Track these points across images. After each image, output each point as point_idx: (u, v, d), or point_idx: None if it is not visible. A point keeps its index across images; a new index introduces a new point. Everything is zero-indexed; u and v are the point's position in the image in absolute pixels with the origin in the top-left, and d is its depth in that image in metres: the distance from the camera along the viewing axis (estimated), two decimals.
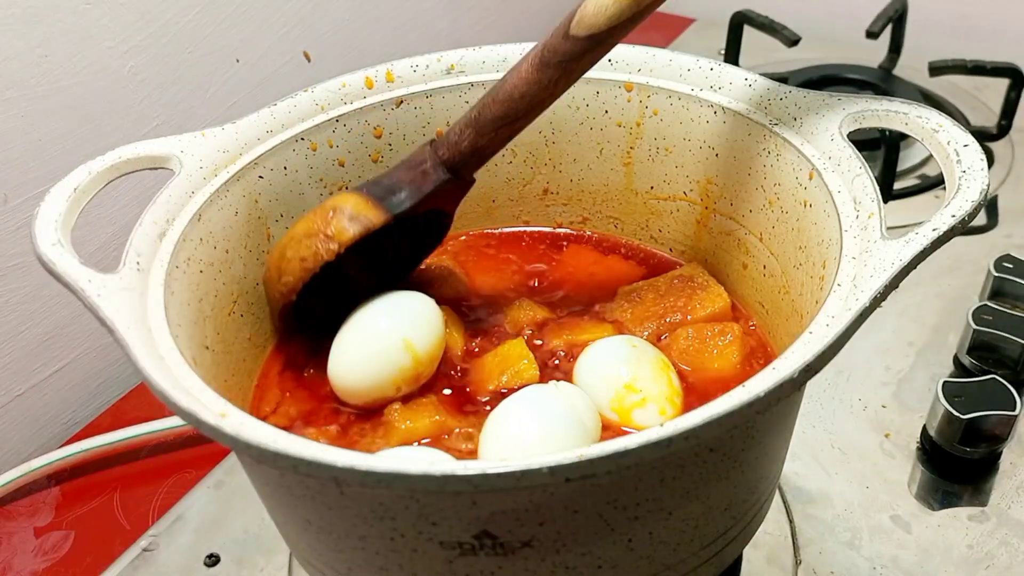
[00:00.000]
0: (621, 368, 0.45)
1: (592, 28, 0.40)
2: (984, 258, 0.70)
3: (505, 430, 0.41)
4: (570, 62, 0.42)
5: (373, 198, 0.45)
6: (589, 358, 0.46)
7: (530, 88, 0.42)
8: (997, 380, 0.58)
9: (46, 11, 0.61)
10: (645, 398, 0.43)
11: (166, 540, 0.57)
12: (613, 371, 0.45)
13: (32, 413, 0.68)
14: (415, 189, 0.45)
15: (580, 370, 0.46)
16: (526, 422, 0.41)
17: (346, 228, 0.44)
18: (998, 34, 1.00)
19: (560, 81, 0.42)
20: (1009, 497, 0.57)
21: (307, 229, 0.45)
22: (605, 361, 0.45)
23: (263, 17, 0.76)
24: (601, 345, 0.47)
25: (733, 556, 0.43)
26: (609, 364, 0.45)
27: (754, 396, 0.32)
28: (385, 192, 0.46)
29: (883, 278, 0.36)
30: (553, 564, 0.36)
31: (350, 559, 0.38)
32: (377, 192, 0.45)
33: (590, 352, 0.46)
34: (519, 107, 0.43)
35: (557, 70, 0.42)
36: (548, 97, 0.43)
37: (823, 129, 0.45)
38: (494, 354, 0.48)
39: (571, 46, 0.41)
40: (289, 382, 0.48)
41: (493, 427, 0.41)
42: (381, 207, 0.45)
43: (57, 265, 0.38)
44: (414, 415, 0.44)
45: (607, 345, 0.47)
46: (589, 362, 0.46)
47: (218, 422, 0.33)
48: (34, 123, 0.62)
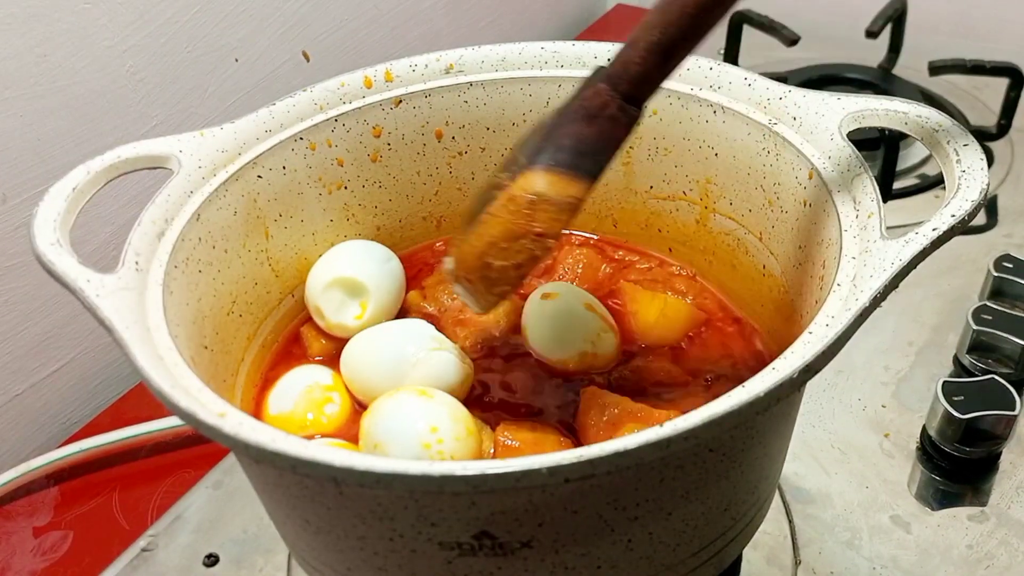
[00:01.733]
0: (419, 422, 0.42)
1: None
2: (984, 258, 0.69)
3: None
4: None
5: (565, 169, 0.39)
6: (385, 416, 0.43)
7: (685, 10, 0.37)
8: (997, 380, 0.58)
9: (45, 11, 0.61)
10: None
11: (165, 540, 0.57)
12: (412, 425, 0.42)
13: (31, 413, 0.68)
14: (610, 143, 0.40)
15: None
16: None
17: (557, 219, 0.39)
18: (998, 34, 1.00)
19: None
20: (1009, 497, 0.56)
21: (508, 231, 0.39)
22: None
23: (262, 17, 0.76)
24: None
25: (733, 556, 0.43)
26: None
27: (754, 396, 0.32)
28: (575, 157, 0.39)
29: (883, 278, 0.36)
30: (552, 564, 0.36)
31: (349, 559, 0.38)
32: (568, 160, 0.39)
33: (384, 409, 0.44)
34: (717, 17, 0.37)
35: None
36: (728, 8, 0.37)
37: (823, 128, 0.45)
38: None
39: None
40: None
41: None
42: (579, 176, 0.39)
43: (56, 265, 0.38)
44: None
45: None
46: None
47: (217, 422, 0.33)
48: (33, 122, 0.62)
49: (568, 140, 0.39)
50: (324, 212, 0.52)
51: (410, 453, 0.41)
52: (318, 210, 0.52)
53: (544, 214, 0.39)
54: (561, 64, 0.52)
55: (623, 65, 0.39)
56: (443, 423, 0.41)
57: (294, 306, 0.52)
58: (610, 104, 0.39)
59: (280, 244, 0.50)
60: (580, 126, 0.39)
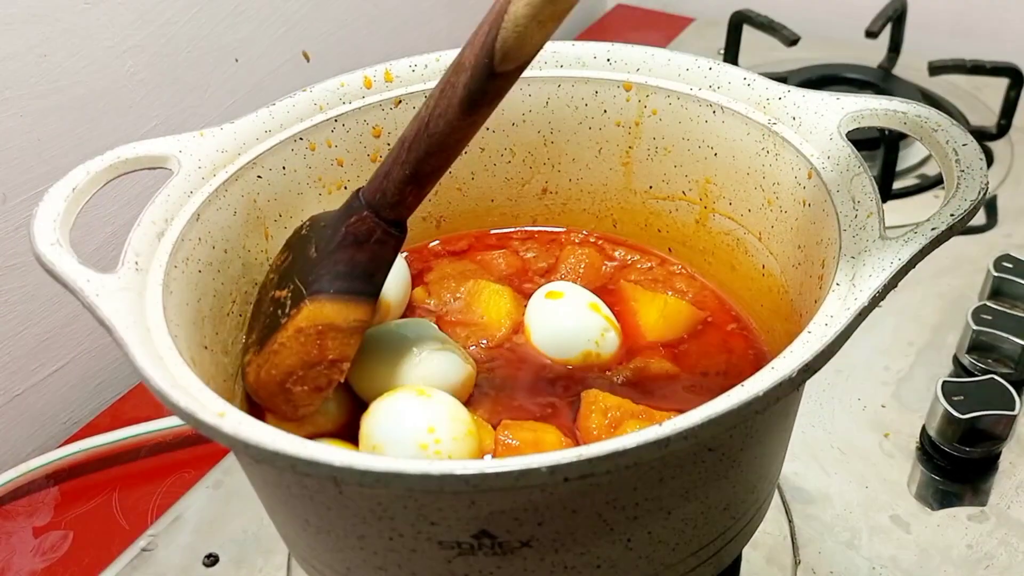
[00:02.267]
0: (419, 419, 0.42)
1: (520, 59, 0.37)
2: (984, 258, 0.69)
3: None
4: (499, 96, 0.38)
5: (348, 296, 0.42)
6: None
7: (465, 132, 0.39)
8: (997, 380, 0.58)
9: (45, 11, 0.61)
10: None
11: (165, 540, 0.57)
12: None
13: (31, 413, 0.68)
14: (382, 263, 0.43)
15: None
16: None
17: (346, 344, 0.42)
18: (997, 34, 1.00)
19: (489, 114, 0.39)
20: (1008, 497, 0.57)
21: (303, 361, 0.42)
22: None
23: (262, 17, 0.76)
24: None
25: (732, 556, 0.43)
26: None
27: (753, 396, 0.32)
28: (354, 282, 0.42)
29: (882, 277, 0.36)
30: (552, 564, 0.36)
31: (349, 559, 0.38)
32: (346, 287, 0.42)
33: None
34: (455, 152, 0.40)
35: (490, 107, 0.39)
36: (477, 130, 0.40)
37: (822, 128, 0.45)
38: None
39: (501, 83, 0.38)
40: None
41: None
42: (361, 300, 0.42)
43: (56, 265, 0.38)
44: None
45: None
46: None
47: (216, 421, 0.33)
48: (33, 123, 0.62)
49: (344, 267, 0.42)
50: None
51: (407, 454, 0.41)
52: (318, 210, 0.51)
53: (334, 341, 0.42)
54: (560, 64, 0.52)
55: (382, 194, 0.41)
56: (441, 423, 0.41)
57: None
58: (375, 230, 0.42)
59: (280, 244, 0.50)
60: (352, 251, 0.42)
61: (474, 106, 0.38)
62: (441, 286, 0.53)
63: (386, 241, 0.42)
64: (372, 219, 0.42)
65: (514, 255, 0.56)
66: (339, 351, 0.42)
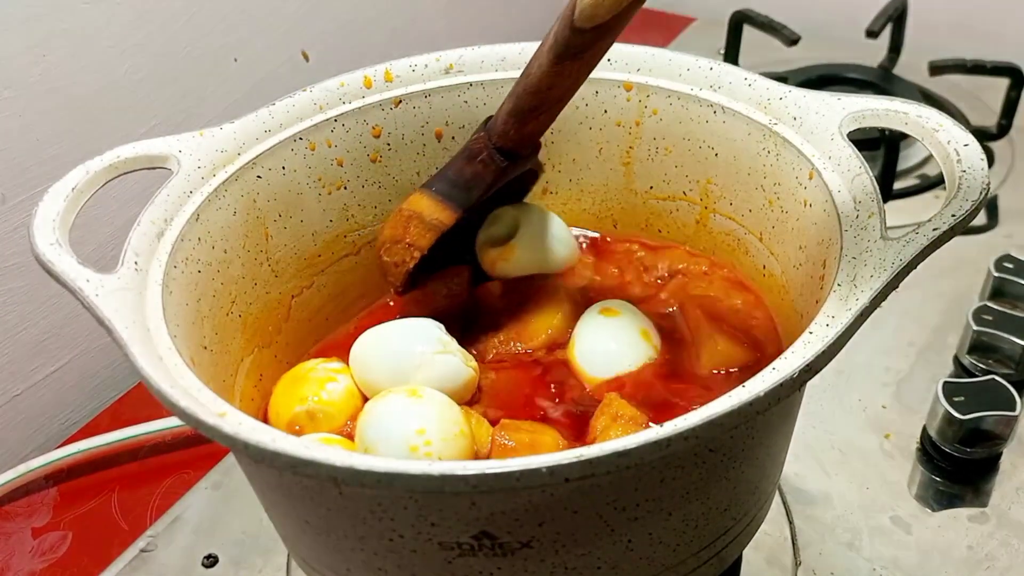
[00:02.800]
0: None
1: (594, 20, 0.39)
2: (984, 258, 0.69)
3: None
4: (583, 52, 0.41)
5: (442, 198, 0.47)
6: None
7: (554, 80, 0.43)
8: (997, 380, 0.58)
9: (45, 11, 0.61)
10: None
11: (164, 541, 0.57)
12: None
13: (30, 413, 0.68)
14: (479, 181, 0.47)
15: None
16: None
17: (423, 235, 0.47)
18: (998, 34, 1.00)
19: (581, 70, 0.43)
20: (1009, 498, 0.56)
21: (393, 235, 0.48)
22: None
23: (261, 17, 0.76)
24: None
25: (733, 557, 0.43)
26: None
27: (754, 396, 0.32)
28: (452, 189, 0.47)
29: (883, 278, 0.36)
30: (552, 565, 0.36)
31: (348, 560, 0.38)
32: (445, 190, 0.47)
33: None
34: (550, 97, 0.44)
35: (575, 61, 0.42)
36: (573, 84, 0.44)
37: (823, 128, 0.44)
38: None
39: (580, 39, 0.40)
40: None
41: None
42: (451, 206, 0.47)
43: (55, 265, 0.38)
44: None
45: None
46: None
47: (216, 422, 0.33)
48: (32, 122, 0.62)
49: (452, 173, 0.48)
50: (324, 212, 0.52)
51: (398, 455, 0.41)
52: (317, 210, 0.52)
53: (415, 228, 0.47)
54: None
55: (494, 122, 0.47)
56: (431, 424, 0.41)
57: (293, 306, 0.52)
58: (483, 151, 0.47)
59: (279, 244, 0.50)
60: (463, 163, 0.48)
61: (560, 57, 0.41)
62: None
63: (489, 163, 0.47)
64: (485, 140, 0.47)
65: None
66: (415, 237, 0.47)
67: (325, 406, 0.46)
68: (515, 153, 0.47)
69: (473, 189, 0.47)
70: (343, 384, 0.47)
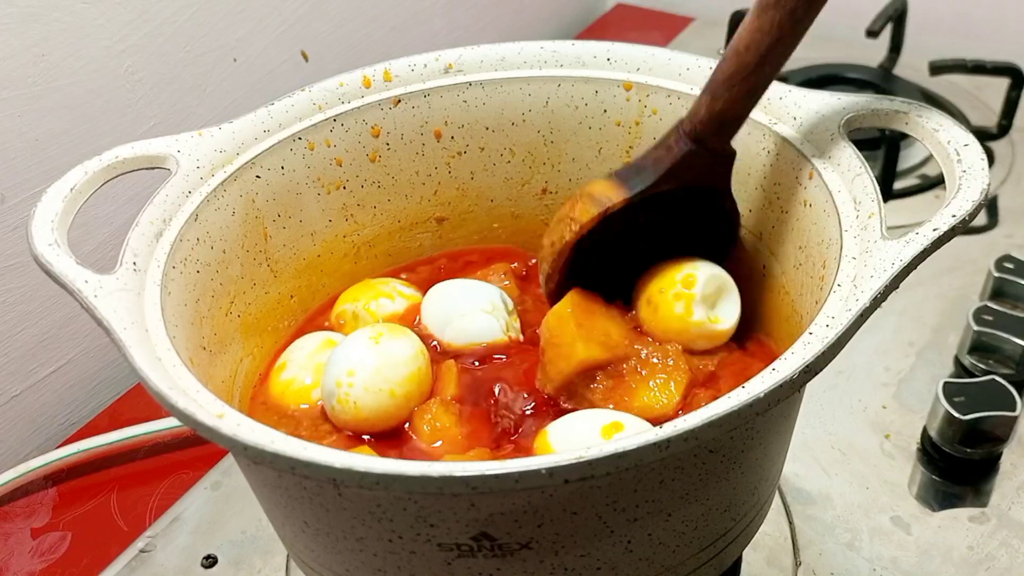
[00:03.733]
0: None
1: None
2: (984, 258, 0.69)
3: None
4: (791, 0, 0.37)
5: (618, 179, 0.45)
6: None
7: (753, 37, 0.39)
8: (997, 381, 0.58)
9: (43, 10, 0.61)
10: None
11: (163, 541, 0.57)
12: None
13: (29, 414, 0.68)
14: (656, 164, 0.44)
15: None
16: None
17: (587, 209, 0.45)
18: (998, 33, 1.00)
19: (785, 24, 0.38)
20: (1009, 498, 0.56)
21: (561, 214, 0.46)
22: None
23: (260, 16, 0.76)
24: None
25: (733, 557, 0.43)
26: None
27: (754, 397, 0.32)
28: (630, 172, 0.45)
29: (883, 278, 0.36)
30: (552, 566, 0.36)
31: (348, 561, 0.38)
32: (624, 173, 0.45)
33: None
34: (746, 60, 0.40)
35: (778, 11, 0.38)
36: (776, 44, 0.39)
37: (823, 128, 0.44)
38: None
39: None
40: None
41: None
42: (624, 186, 0.45)
43: (54, 265, 0.38)
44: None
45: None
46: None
47: (215, 423, 0.32)
48: (31, 122, 0.62)
49: (638, 160, 0.45)
50: (323, 212, 0.52)
51: (327, 388, 0.44)
52: (317, 210, 0.52)
53: (582, 203, 0.45)
54: (560, 64, 0.52)
55: (694, 107, 0.43)
56: (363, 371, 0.43)
57: (293, 307, 0.52)
58: (672, 134, 0.44)
59: (279, 244, 0.50)
60: (651, 150, 0.45)
61: (764, 7, 0.39)
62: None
63: (672, 146, 0.44)
64: (676, 125, 0.44)
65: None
66: (579, 211, 0.45)
67: (369, 315, 0.49)
68: (703, 140, 0.43)
69: (648, 171, 0.44)
70: (398, 305, 0.50)
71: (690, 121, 0.43)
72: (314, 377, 0.46)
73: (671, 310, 0.46)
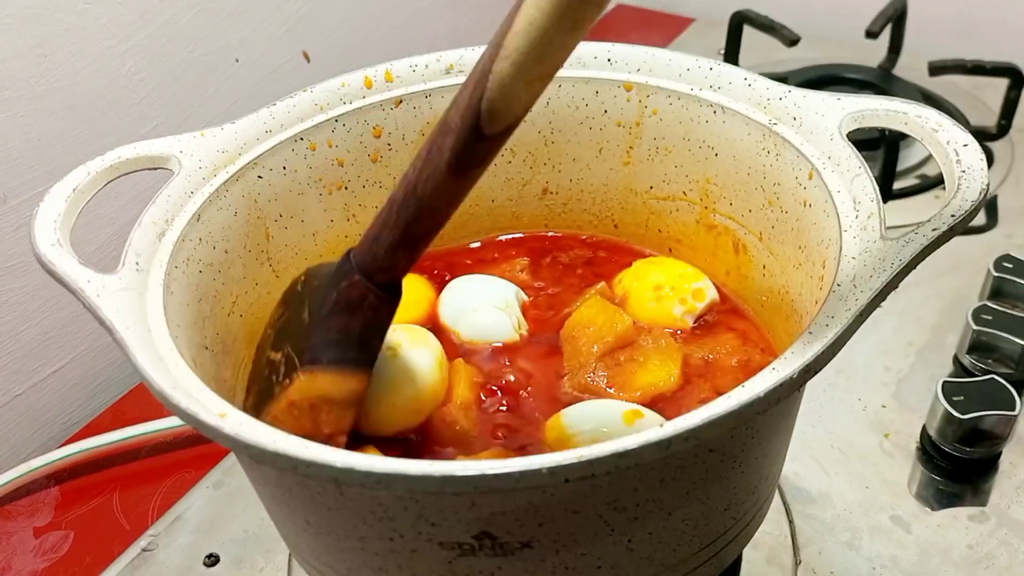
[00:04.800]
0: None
1: (508, 121, 0.35)
2: (984, 258, 0.69)
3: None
4: (488, 157, 0.36)
5: (340, 366, 0.40)
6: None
7: (455, 195, 0.37)
8: (997, 380, 0.58)
9: (45, 11, 0.61)
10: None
11: (165, 540, 0.57)
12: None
13: (31, 413, 0.68)
14: (376, 330, 0.41)
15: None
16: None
17: (342, 416, 0.41)
18: (998, 33, 1.00)
19: (479, 175, 0.37)
20: (1009, 497, 0.57)
21: (298, 434, 0.36)
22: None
23: (262, 17, 0.76)
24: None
25: (733, 556, 0.43)
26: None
27: (754, 396, 0.32)
28: (346, 351, 0.40)
29: (883, 278, 0.36)
30: (553, 565, 0.36)
31: (349, 559, 0.38)
32: (337, 355, 0.40)
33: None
34: (448, 214, 0.38)
35: (480, 169, 0.37)
36: (466, 194, 0.38)
37: (823, 129, 0.45)
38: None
39: (489, 145, 0.35)
40: None
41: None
42: (356, 370, 0.41)
43: (56, 265, 0.38)
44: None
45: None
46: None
47: (218, 422, 0.33)
48: (33, 123, 0.62)
49: (336, 335, 0.40)
50: (324, 212, 0.52)
51: None
52: (318, 210, 0.52)
53: (328, 415, 0.40)
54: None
55: (372, 258, 0.39)
56: (382, 383, 0.44)
57: None
58: (367, 295, 0.40)
59: (280, 244, 0.50)
60: (345, 319, 0.40)
61: (462, 168, 0.36)
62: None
63: (379, 307, 0.40)
64: (363, 284, 0.40)
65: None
66: (334, 424, 0.40)
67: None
68: (397, 287, 0.41)
69: (371, 342, 0.41)
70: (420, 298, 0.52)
71: (386, 275, 0.40)
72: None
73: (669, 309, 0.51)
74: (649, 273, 0.52)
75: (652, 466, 0.34)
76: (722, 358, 0.48)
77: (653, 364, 0.47)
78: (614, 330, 0.48)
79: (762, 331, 0.50)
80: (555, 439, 0.43)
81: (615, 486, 0.34)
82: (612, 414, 0.43)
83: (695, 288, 0.51)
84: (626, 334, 0.48)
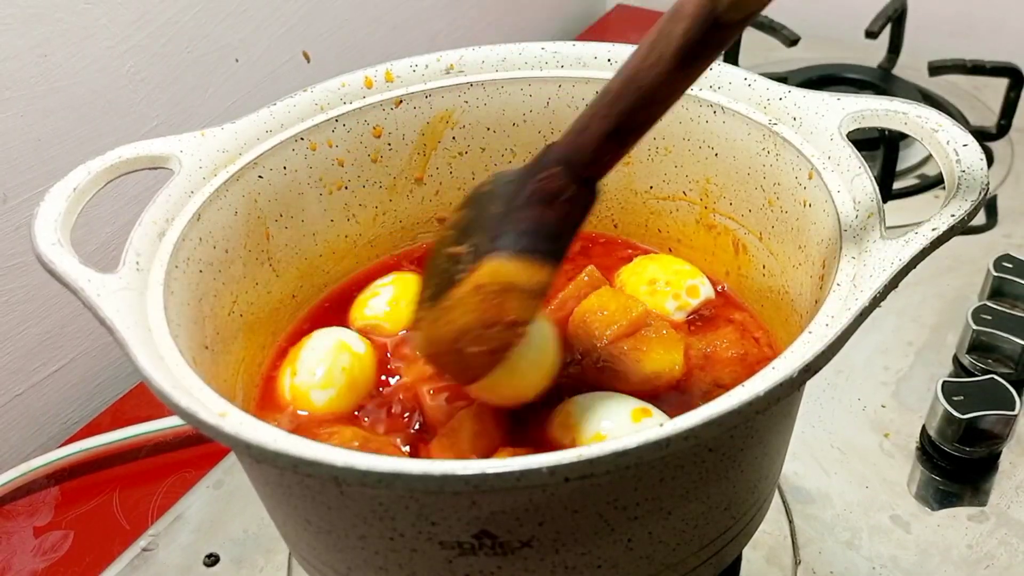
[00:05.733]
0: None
1: (752, 7, 0.33)
2: (984, 258, 0.69)
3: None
4: (719, 48, 0.35)
5: (531, 255, 0.39)
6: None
7: (678, 87, 0.36)
8: (996, 380, 0.58)
9: (46, 11, 0.61)
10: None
11: (165, 540, 0.57)
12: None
13: (31, 413, 0.68)
14: (569, 224, 0.40)
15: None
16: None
17: (528, 306, 0.39)
18: (998, 33, 1.00)
19: (705, 68, 0.36)
20: (1008, 497, 0.57)
21: (481, 320, 0.39)
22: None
23: (262, 17, 0.76)
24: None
25: (733, 556, 0.43)
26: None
27: (753, 396, 0.32)
28: (540, 242, 0.39)
29: (882, 278, 0.36)
30: (553, 564, 0.36)
31: (349, 559, 0.38)
32: (529, 244, 0.39)
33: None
34: (667, 106, 0.37)
35: (708, 61, 0.35)
36: (689, 86, 0.37)
37: (822, 129, 0.45)
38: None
39: (724, 34, 0.34)
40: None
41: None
42: (546, 261, 0.39)
43: (57, 265, 0.38)
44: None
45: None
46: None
47: (218, 422, 0.33)
48: (33, 123, 0.62)
49: (530, 224, 0.39)
50: (325, 212, 0.52)
51: None
52: (319, 210, 0.52)
53: (515, 302, 0.39)
54: (561, 64, 0.52)
55: (576, 150, 0.38)
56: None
57: (295, 306, 0.52)
58: (567, 188, 0.39)
59: (280, 244, 0.50)
60: (540, 210, 0.39)
61: (690, 59, 0.34)
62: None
63: (577, 200, 0.39)
64: (563, 175, 0.39)
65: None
66: (519, 312, 0.39)
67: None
68: (595, 183, 0.40)
69: (565, 237, 0.40)
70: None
71: (591, 170, 0.39)
72: (324, 381, 0.46)
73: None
74: (647, 267, 0.52)
75: (652, 465, 0.34)
76: (720, 351, 0.48)
77: (657, 353, 0.47)
78: (628, 315, 0.47)
79: (760, 322, 0.50)
80: (560, 426, 0.43)
81: (615, 485, 0.34)
82: (620, 411, 0.43)
83: (690, 285, 0.51)
84: (639, 320, 0.47)
